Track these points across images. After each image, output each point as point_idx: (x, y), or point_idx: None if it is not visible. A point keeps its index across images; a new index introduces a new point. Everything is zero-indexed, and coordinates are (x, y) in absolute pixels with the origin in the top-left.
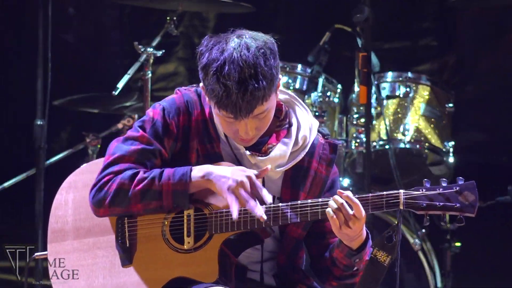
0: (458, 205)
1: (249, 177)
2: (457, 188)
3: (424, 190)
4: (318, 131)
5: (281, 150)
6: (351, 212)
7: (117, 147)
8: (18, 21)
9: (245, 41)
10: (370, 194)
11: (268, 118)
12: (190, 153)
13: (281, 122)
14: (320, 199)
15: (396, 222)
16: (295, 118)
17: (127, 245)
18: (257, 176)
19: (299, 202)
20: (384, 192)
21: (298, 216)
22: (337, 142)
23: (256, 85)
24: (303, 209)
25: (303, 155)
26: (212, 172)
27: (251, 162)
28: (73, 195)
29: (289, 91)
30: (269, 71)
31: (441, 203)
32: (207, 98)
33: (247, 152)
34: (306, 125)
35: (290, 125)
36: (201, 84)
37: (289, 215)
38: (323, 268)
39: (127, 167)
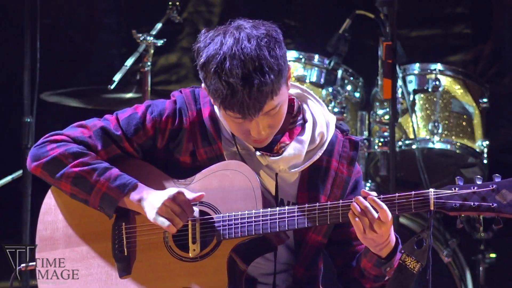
0: (495, 205)
1: (174, 196)
2: (494, 186)
3: (457, 188)
4: (336, 126)
5: (295, 149)
6: (376, 215)
7: (89, 119)
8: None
9: (245, 32)
10: (397, 194)
11: (281, 114)
12: (180, 155)
13: (294, 119)
14: (340, 201)
15: (427, 225)
16: (309, 113)
17: (125, 254)
18: (192, 201)
19: (317, 204)
20: (413, 192)
21: (317, 220)
22: (358, 138)
23: (262, 79)
24: (322, 211)
25: (320, 154)
26: (147, 198)
27: (262, 163)
28: (63, 199)
29: (299, 84)
30: (275, 62)
31: (476, 203)
32: (211, 99)
33: (258, 153)
34: (322, 120)
35: (305, 121)
36: (202, 85)
37: (306, 219)
38: (351, 279)
39: (79, 136)
